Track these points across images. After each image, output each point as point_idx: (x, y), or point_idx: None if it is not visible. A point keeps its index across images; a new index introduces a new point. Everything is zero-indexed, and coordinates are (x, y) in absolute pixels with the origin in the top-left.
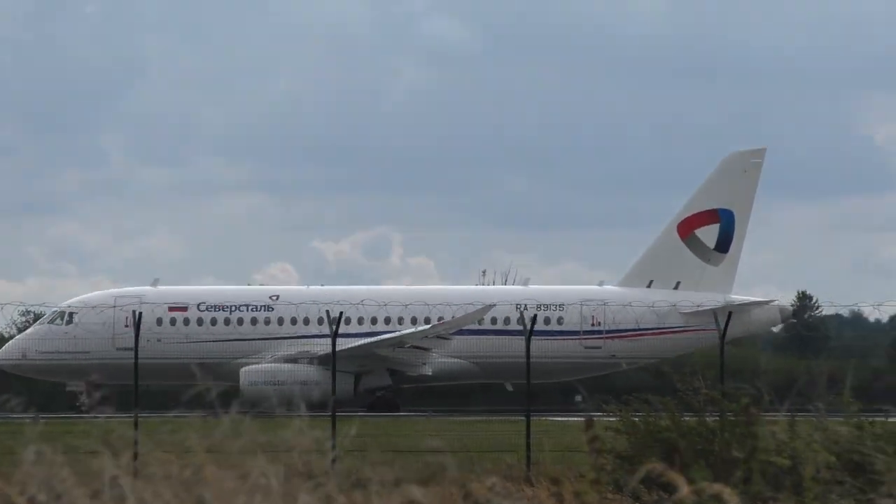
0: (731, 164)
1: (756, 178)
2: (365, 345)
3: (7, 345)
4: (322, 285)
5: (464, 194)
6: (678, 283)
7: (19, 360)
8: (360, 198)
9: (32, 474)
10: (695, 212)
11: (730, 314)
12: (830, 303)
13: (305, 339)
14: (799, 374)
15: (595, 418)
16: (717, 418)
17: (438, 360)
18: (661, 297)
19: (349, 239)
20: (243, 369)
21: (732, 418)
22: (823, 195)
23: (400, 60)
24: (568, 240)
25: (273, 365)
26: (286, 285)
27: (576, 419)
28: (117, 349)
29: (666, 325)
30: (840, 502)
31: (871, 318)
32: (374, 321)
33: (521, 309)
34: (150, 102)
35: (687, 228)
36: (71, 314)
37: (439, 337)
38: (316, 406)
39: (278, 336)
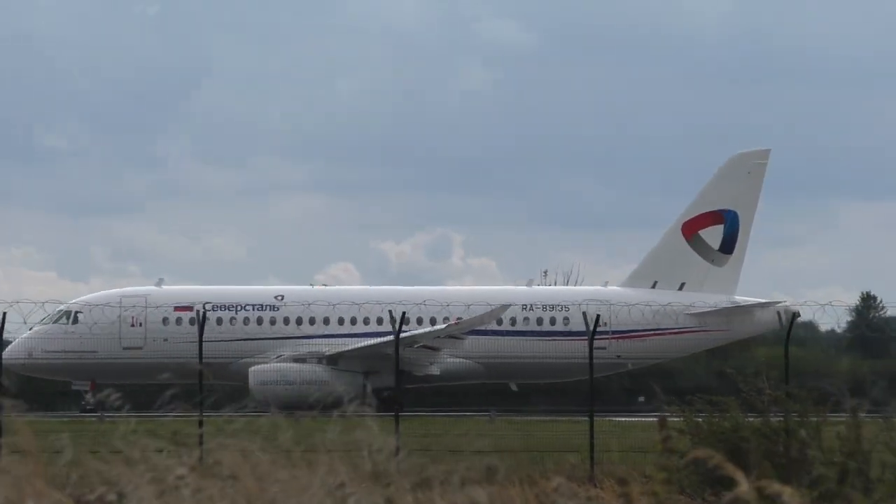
0: (736, 165)
1: (760, 179)
2: (375, 345)
3: (13, 344)
4: (325, 286)
5: (525, 195)
6: (682, 284)
7: (25, 359)
8: (421, 199)
9: (100, 472)
10: (699, 213)
11: (794, 315)
12: (894, 304)
13: (310, 340)
14: (864, 374)
15: (666, 418)
16: (782, 419)
17: (446, 361)
18: (666, 297)
19: (410, 240)
20: (252, 369)
21: (797, 419)
22: (891, 195)
23: (460, 63)
24: (631, 240)
25: (282, 364)
26: (292, 285)
27: (637, 420)
28: (124, 349)
29: (672, 326)
30: None
31: None
32: (379, 321)
33: (583, 310)
34: (215, 106)
35: (691, 229)
36: (76, 314)
37: (452, 337)
38: (327, 406)
39: (284, 336)
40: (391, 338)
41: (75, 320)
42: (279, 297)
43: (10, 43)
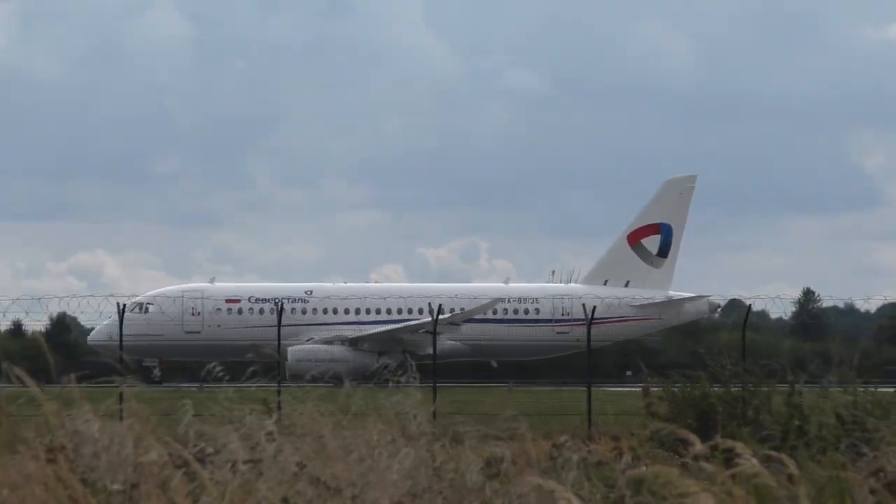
0: (670, 187)
1: (689, 199)
2: (392, 330)
3: (96, 329)
4: (345, 282)
5: (537, 210)
6: (628, 282)
7: (107, 341)
8: (454, 213)
9: (198, 432)
10: (641, 225)
11: (749, 306)
12: (829, 296)
13: (333, 326)
14: (804, 353)
15: (650, 388)
16: (741, 389)
17: (443, 343)
18: (615, 293)
19: (447, 246)
20: (290, 348)
21: (752, 389)
22: (825, 211)
23: (485, 105)
24: None
25: (313, 346)
26: (321, 282)
27: (626, 390)
28: (185, 332)
29: (620, 315)
30: (836, 455)
31: (862, 309)
32: (388, 312)
33: (584, 302)
34: (292, 138)
35: (635, 238)
36: (147, 305)
37: (452, 323)
38: (349, 379)
39: (312, 323)
40: (403, 324)
41: (146, 310)
42: (308, 293)
43: (130, 87)
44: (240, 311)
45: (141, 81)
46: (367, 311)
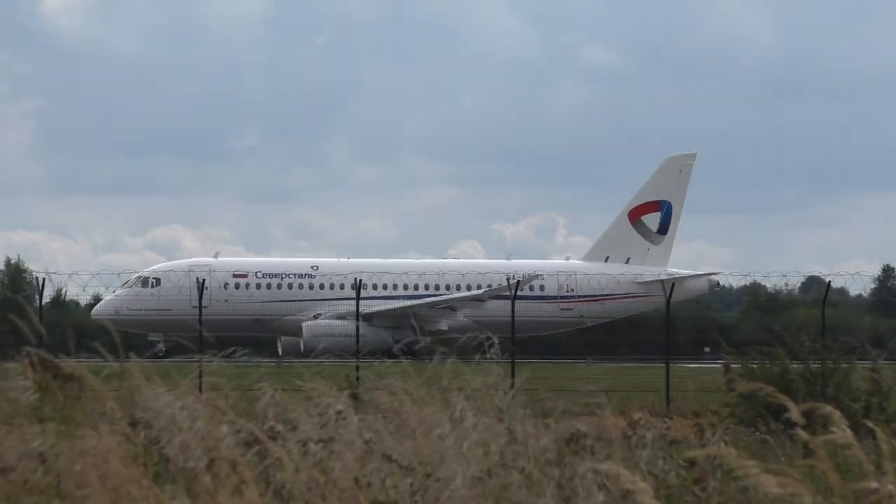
0: (670, 165)
1: (688, 176)
2: (403, 307)
3: (101, 303)
4: (349, 258)
5: (614, 186)
6: (629, 259)
7: (113, 315)
8: (532, 189)
9: (268, 408)
10: (642, 202)
11: (829, 283)
12: None
13: (338, 302)
14: (884, 330)
15: (730, 364)
16: (819, 365)
17: (456, 319)
18: (617, 269)
19: (523, 222)
20: (305, 324)
21: (832, 365)
22: None
23: (564, 80)
24: (694, 222)
25: (328, 321)
26: (326, 258)
27: (705, 366)
28: (193, 307)
29: (622, 292)
30: None
31: None
32: (395, 287)
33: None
34: (368, 115)
35: (635, 215)
36: (157, 279)
37: (478, 300)
38: (363, 355)
39: (318, 299)
40: (420, 301)
41: (157, 284)
42: (314, 268)
43: (209, 63)
44: (247, 286)
45: (219, 57)
46: (374, 287)
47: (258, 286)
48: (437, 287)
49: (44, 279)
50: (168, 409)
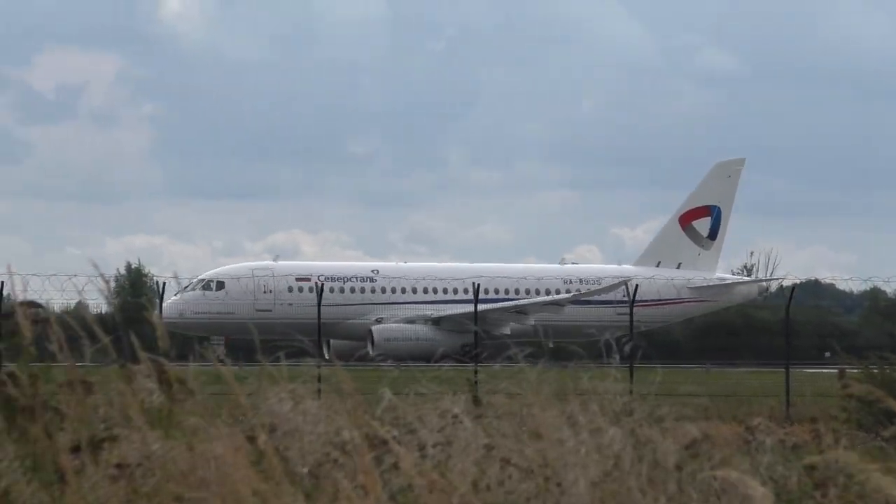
0: (720, 170)
1: (737, 181)
2: (487, 310)
3: (165, 305)
4: (405, 262)
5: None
6: (679, 264)
7: (177, 318)
8: (650, 193)
9: (389, 412)
10: (692, 207)
11: None
12: None
13: (400, 305)
14: None
15: (846, 370)
16: None
17: (520, 323)
18: (670, 274)
19: (642, 226)
20: (376, 327)
21: None
22: None
23: (681, 85)
24: (816, 226)
25: (399, 325)
26: (387, 262)
27: (825, 371)
28: (257, 311)
29: (677, 297)
30: None
31: None
32: (455, 291)
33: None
34: (486, 119)
35: (686, 220)
36: (221, 282)
37: (556, 304)
38: (431, 358)
39: (379, 302)
40: (515, 303)
41: (218, 287)
42: (375, 272)
43: (326, 68)
44: (311, 290)
45: (337, 62)
46: (434, 291)
47: (322, 290)
48: (505, 291)
49: (164, 283)
50: (291, 412)
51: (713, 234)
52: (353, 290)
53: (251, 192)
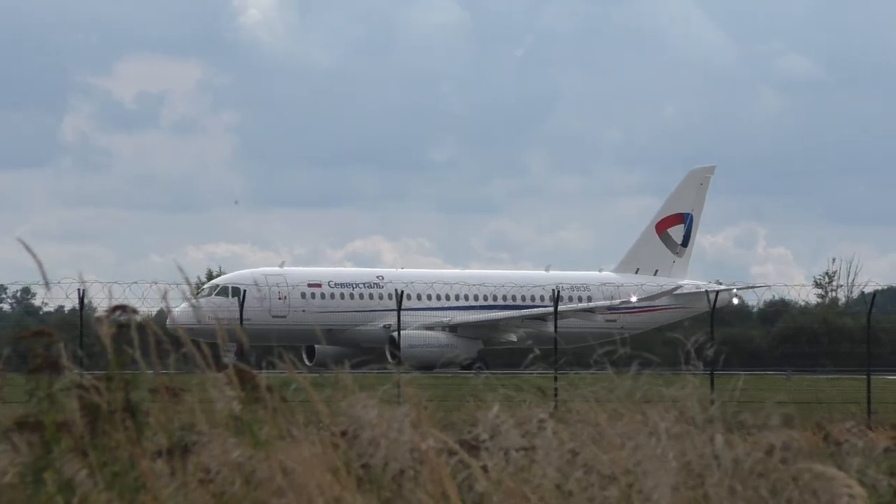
0: (692, 177)
1: (706, 189)
2: (491, 318)
3: (178, 311)
4: (402, 268)
5: (814, 197)
6: (656, 271)
7: (193, 325)
8: (730, 200)
9: (472, 419)
10: (668, 214)
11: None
12: None
13: (405, 312)
14: None
15: None
16: None
17: (521, 330)
18: (649, 281)
19: (723, 233)
20: (404, 333)
21: None
22: None
23: (761, 89)
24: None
25: (421, 332)
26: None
27: None
28: (272, 316)
29: (660, 304)
30: None
31: None
32: (465, 298)
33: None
34: (565, 124)
35: (662, 227)
36: (237, 288)
37: (589, 311)
38: (449, 364)
39: (385, 309)
40: (512, 312)
41: (234, 293)
42: (380, 278)
43: (406, 75)
44: (322, 296)
45: (417, 69)
46: (439, 297)
47: (332, 296)
48: (503, 298)
49: (244, 290)
50: (376, 419)
51: (685, 241)
52: (361, 297)
53: (332, 200)
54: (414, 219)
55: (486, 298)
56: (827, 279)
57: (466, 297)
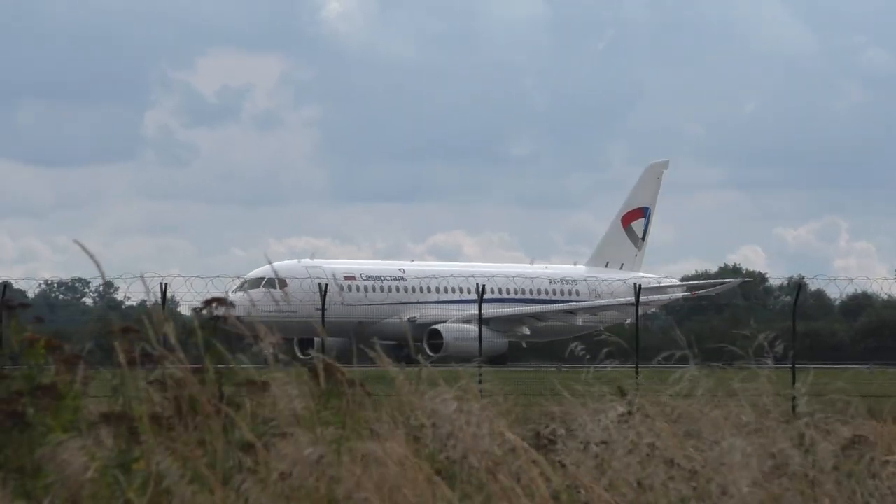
0: (650, 171)
1: (660, 183)
2: (520, 312)
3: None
4: (412, 261)
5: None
6: (622, 265)
7: (245, 316)
8: (813, 193)
9: (550, 413)
10: (632, 208)
11: None
12: None
13: (424, 305)
14: None
15: None
16: None
17: (536, 324)
18: (623, 275)
19: (805, 226)
20: (445, 327)
21: None
22: None
23: (844, 83)
24: None
25: (461, 325)
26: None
27: None
28: (316, 309)
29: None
30: None
31: None
32: (469, 291)
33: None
34: (645, 118)
35: (627, 221)
36: (283, 280)
37: (627, 304)
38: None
39: (408, 301)
40: (546, 306)
41: (285, 285)
42: (402, 271)
43: (487, 68)
44: (357, 289)
45: (497, 62)
46: (454, 290)
47: (366, 289)
48: (507, 291)
49: (326, 285)
50: (454, 414)
51: (644, 235)
52: (390, 290)
53: (413, 194)
54: (495, 212)
55: (500, 292)
56: None
57: (492, 291)
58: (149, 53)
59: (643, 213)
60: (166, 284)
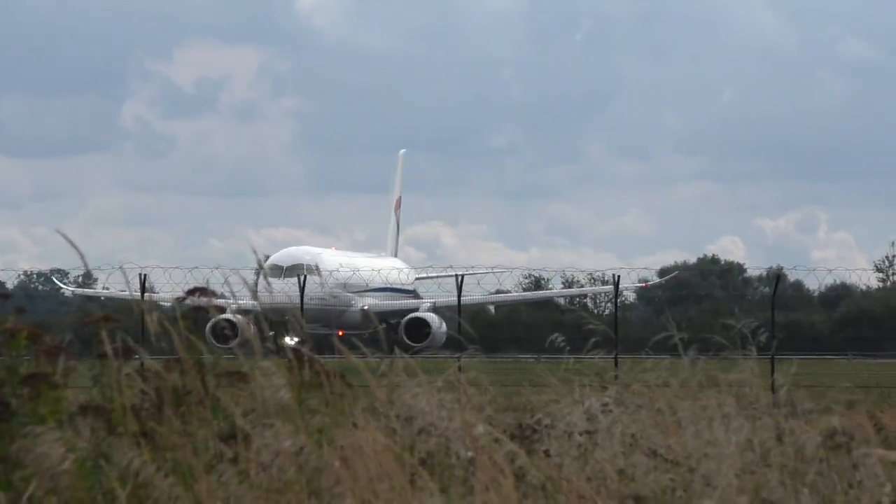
0: (402, 160)
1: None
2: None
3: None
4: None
5: (875, 181)
6: (396, 253)
7: (287, 303)
8: (792, 184)
9: (530, 403)
10: (399, 195)
11: None
12: None
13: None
14: None
15: None
16: None
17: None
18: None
19: (783, 217)
20: (431, 315)
21: None
22: None
23: (822, 75)
24: None
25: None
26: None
27: None
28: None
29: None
30: None
31: None
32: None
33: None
34: (624, 110)
35: (397, 207)
36: (317, 266)
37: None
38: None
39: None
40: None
41: (317, 272)
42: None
43: (465, 62)
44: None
45: (475, 55)
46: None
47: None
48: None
49: (305, 276)
50: (428, 406)
51: (399, 225)
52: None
53: (390, 185)
54: (473, 204)
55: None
56: (887, 263)
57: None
58: (127, 45)
59: (399, 202)
60: (145, 275)
